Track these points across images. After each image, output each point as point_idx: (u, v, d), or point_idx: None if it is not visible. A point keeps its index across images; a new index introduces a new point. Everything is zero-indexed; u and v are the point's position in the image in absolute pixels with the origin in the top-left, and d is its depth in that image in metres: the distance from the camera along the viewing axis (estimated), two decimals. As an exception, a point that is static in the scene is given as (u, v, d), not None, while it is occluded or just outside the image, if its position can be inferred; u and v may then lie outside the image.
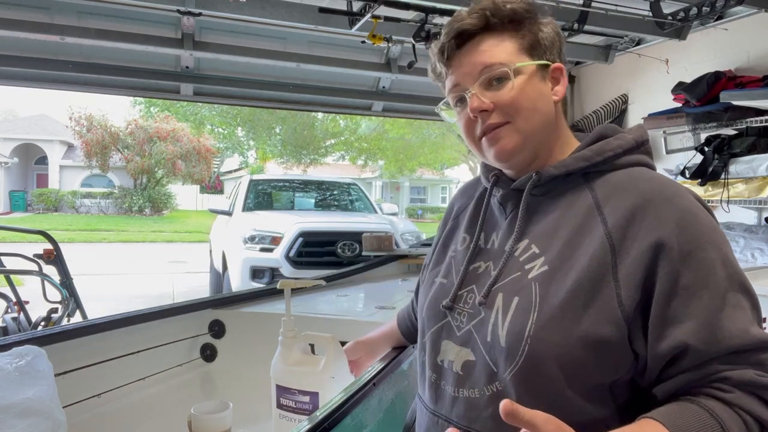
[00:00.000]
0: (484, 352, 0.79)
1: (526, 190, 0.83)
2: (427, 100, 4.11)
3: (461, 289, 0.87)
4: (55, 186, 24.55)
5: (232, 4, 2.61)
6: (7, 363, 1.22)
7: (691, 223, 0.72)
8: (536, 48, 0.83)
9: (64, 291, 3.47)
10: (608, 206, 0.77)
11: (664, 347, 0.70)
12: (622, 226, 0.74)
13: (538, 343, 0.73)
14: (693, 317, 0.69)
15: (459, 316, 0.85)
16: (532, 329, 0.73)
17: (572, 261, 0.75)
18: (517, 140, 0.81)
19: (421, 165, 20.79)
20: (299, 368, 1.46)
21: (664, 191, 0.75)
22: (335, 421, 0.99)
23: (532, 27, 0.83)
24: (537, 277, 0.77)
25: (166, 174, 23.33)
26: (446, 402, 0.84)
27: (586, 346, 0.71)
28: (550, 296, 0.74)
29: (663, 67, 3.38)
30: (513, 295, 0.78)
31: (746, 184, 2.74)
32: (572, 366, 0.72)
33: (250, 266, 5.35)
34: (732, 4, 2.53)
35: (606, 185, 0.80)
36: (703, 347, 0.68)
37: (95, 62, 3.25)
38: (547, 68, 0.84)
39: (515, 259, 0.81)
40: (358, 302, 2.45)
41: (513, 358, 0.74)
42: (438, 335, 0.87)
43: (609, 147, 0.82)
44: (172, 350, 1.90)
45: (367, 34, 2.69)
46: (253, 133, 18.86)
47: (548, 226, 0.81)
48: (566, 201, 0.81)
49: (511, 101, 0.80)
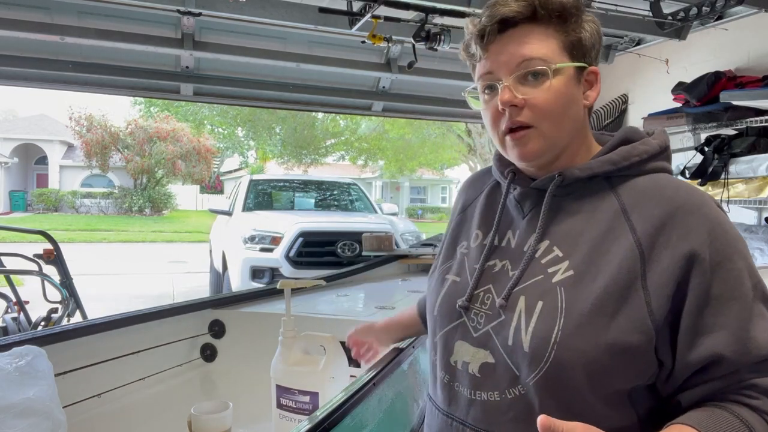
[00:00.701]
0: (504, 355, 0.77)
1: (549, 190, 0.81)
2: (427, 100, 4.11)
3: (477, 288, 0.84)
4: (55, 186, 24.55)
5: (232, 4, 2.61)
6: (7, 363, 1.22)
7: (720, 234, 0.72)
8: (578, 48, 0.79)
9: (64, 291, 3.47)
10: (635, 213, 0.76)
11: (695, 356, 0.70)
12: (651, 234, 0.73)
13: (565, 351, 0.72)
14: (725, 327, 0.70)
15: (476, 317, 0.82)
16: (559, 336, 0.72)
17: (599, 266, 0.74)
18: (542, 145, 0.79)
19: (421, 165, 20.78)
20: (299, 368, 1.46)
21: (692, 200, 0.74)
22: (335, 421, 0.99)
23: (577, 25, 0.79)
24: (562, 281, 0.75)
25: (166, 174, 23.33)
26: (461, 404, 0.82)
27: (613, 354, 0.71)
28: (577, 302, 0.73)
29: (663, 67, 3.38)
30: (537, 299, 0.76)
31: (746, 184, 2.73)
32: (598, 373, 0.72)
33: (250, 266, 5.35)
34: (732, 4, 2.53)
35: (631, 191, 0.78)
36: (735, 357, 0.69)
37: (95, 62, 3.25)
38: (584, 71, 0.81)
39: (536, 261, 0.79)
40: (358, 302, 2.45)
41: (537, 363, 0.73)
42: (451, 335, 0.85)
43: (635, 152, 0.80)
44: (172, 350, 1.90)
45: (367, 34, 2.69)
46: (253, 134, 18.87)
47: (571, 229, 0.79)
48: (590, 204, 0.80)
49: (544, 103, 0.77)
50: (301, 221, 5.63)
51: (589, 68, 0.82)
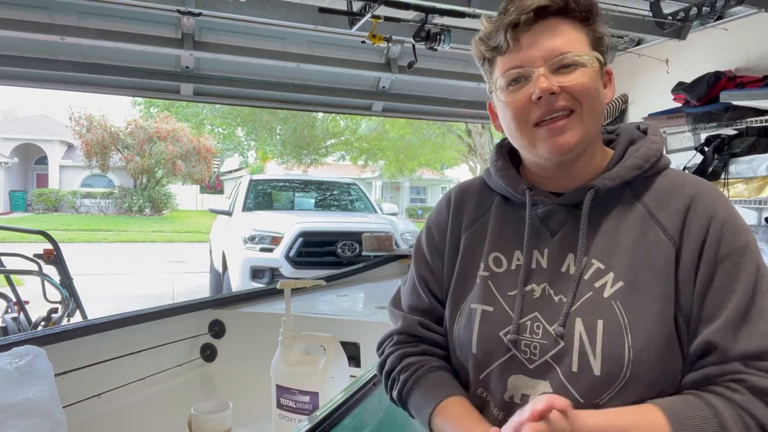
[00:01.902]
0: (566, 383, 0.74)
1: (586, 206, 0.78)
2: (427, 100, 4.11)
3: (522, 317, 0.79)
4: (55, 186, 24.55)
5: (232, 4, 2.61)
6: (7, 363, 1.22)
7: (732, 227, 0.74)
8: (600, 46, 0.82)
9: (64, 291, 3.47)
10: (662, 212, 0.77)
11: (693, 345, 0.73)
12: (679, 230, 0.75)
13: (640, 367, 0.71)
14: (721, 317, 0.71)
15: (528, 348, 0.78)
16: (631, 353, 0.71)
17: (646, 273, 0.74)
18: (580, 134, 0.77)
19: (421, 165, 20.78)
20: (299, 368, 1.46)
21: (710, 192, 0.78)
22: (335, 421, 0.99)
23: (600, 24, 0.83)
24: (615, 295, 0.74)
25: (166, 174, 23.33)
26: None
27: (676, 357, 0.73)
28: (639, 314, 0.73)
29: (663, 67, 3.37)
30: (595, 319, 0.73)
31: (746, 184, 2.73)
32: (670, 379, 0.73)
33: (250, 266, 5.35)
34: (732, 4, 2.53)
35: (653, 193, 0.79)
36: (727, 345, 0.70)
37: (95, 62, 3.25)
38: (604, 66, 0.83)
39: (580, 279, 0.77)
40: (358, 302, 2.45)
41: (611, 384, 0.72)
42: (502, 371, 0.80)
43: (651, 152, 0.81)
44: (172, 350, 1.90)
45: (367, 34, 2.69)
46: (254, 134, 18.87)
47: (606, 240, 0.78)
48: (616, 212, 0.79)
49: (582, 87, 0.76)
50: (301, 221, 5.64)
51: (606, 67, 0.84)
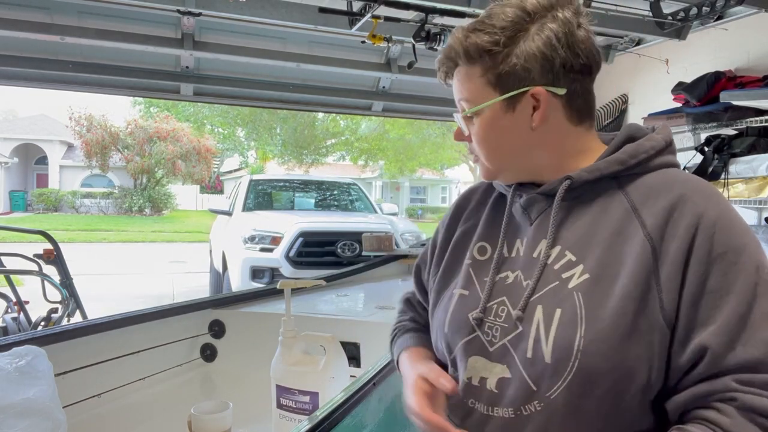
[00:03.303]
0: (522, 369, 0.74)
1: (558, 195, 0.79)
2: (427, 100, 4.11)
3: (490, 300, 0.81)
4: (55, 186, 24.55)
5: (232, 4, 2.61)
6: (7, 363, 1.22)
7: (726, 225, 0.70)
8: (507, 79, 0.78)
9: (64, 291, 3.47)
10: (645, 208, 0.74)
11: (686, 352, 0.68)
12: (660, 227, 0.71)
13: (589, 358, 0.69)
14: (717, 321, 0.66)
15: (490, 330, 0.79)
16: (582, 343, 0.70)
17: (615, 268, 0.72)
18: (490, 171, 0.85)
19: (422, 165, 20.79)
20: (299, 368, 1.46)
21: (700, 191, 0.73)
22: (335, 421, 0.99)
23: (503, 57, 0.78)
24: (579, 286, 0.73)
25: (166, 174, 23.32)
26: (475, 421, 0.79)
27: (638, 358, 0.68)
28: (597, 307, 0.71)
29: (663, 67, 3.37)
30: (554, 307, 0.73)
31: (746, 184, 2.73)
32: (625, 379, 0.69)
33: (250, 266, 5.35)
34: (732, 4, 2.53)
35: (640, 188, 0.77)
36: (721, 351, 0.65)
37: (95, 62, 3.25)
38: (524, 95, 0.79)
39: (549, 268, 0.77)
40: (358, 302, 2.45)
41: (560, 375, 0.71)
42: (465, 351, 0.81)
43: (642, 149, 0.78)
44: (172, 350, 1.90)
45: (367, 34, 2.69)
46: (254, 134, 18.87)
47: (582, 233, 0.77)
48: (598, 206, 0.78)
49: (477, 138, 0.83)
50: (301, 221, 5.64)
51: (531, 91, 0.78)
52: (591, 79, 0.82)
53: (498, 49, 0.78)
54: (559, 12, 0.78)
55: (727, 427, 0.64)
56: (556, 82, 0.78)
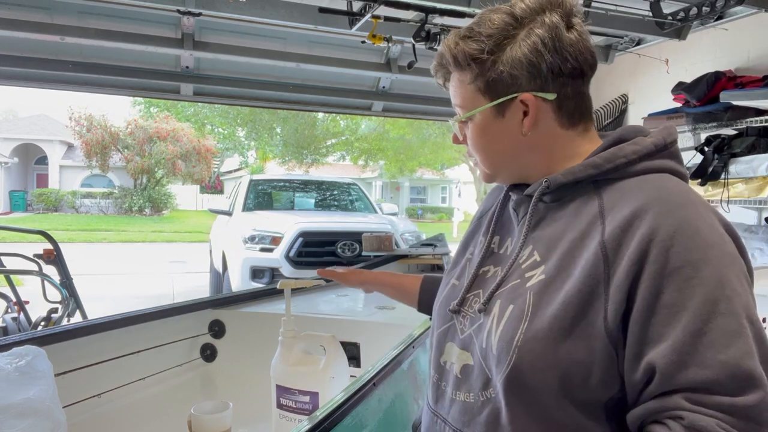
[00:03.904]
0: (480, 357, 0.79)
1: (535, 196, 0.82)
2: (427, 100, 4.11)
3: (469, 292, 0.87)
4: (55, 186, 24.55)
5: (232, 4, 2.61)
6: (7, 363, 1.22)
7: (689, 237, 0.66)
8: (495, 85, 0.79)
9: (64, 291, 3.47)
10: (610, 215, 0.72)
11: (638, 370, 0.67)
12: (617, 236, 0.69)
13: (525, 354, 0.72)
14: (668, 338, 0.64)
15: (463, 320, 0.85)
16: (521, 339, 0.72)
17: (569, 271, 0.73)
18: (488, 174, 0.87)
19: (422, 165, 20.79)
20: (299, 368, 1.46)
21: (668, 199, 0.70)
22: (335, 421, 0.99)
23: (490, 64, 0.79)
24: (533, 286, 0.75)
25: (166, 174, 23.32)
26: (445, 402, 0.85)
27: (573, 362, 0.69)
28: (541, 307, 0.73)
29: (663, 67, 3.38)
30: (509, 303, 0.77)
31: (746, 184, 2.73)
32: (561, 379, 0.70)
33: (250, 266, 5.35)
34: (732, 4, 2.53)
35: (614, 194, 0.75)
36: (669, 371, 0.63)
37: (95, 62, 3.25)
38: (513, 101, 0.79)
39: (518, 266, 0.80)
40: (358, 302, 2.45)
41: (501, 366, 0.74)
42: (444, 336, 0.88)
43: (622, 153, 0.77)
44: (172, 350, 1.90)
45: (367, 34, 2.69)
46: (255, 134, 18.86)
47: (553, 235, 0.78)
48: (573, 209, 0.78)
49: (470, 143, 0.86)
50: (301, 221, 5.64)
51: (520, 97, 0.79)
52: (584, 81, 0.81)
53: (484, 57, 0.79)
54: (547, 16, 0.78)
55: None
56: (545, 87, 0.78)
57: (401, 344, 1.42)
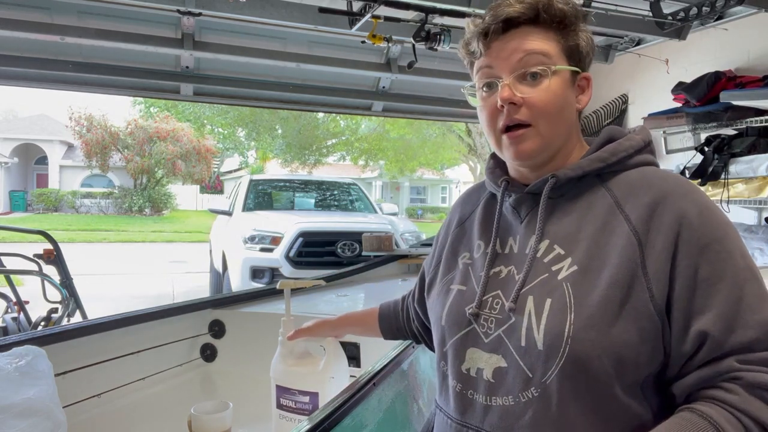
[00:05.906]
0: (517, 357, 0.78)
1: (545, 192, 0.83)
2: (427, 100, 4.11)
3: (485, 294, 0.85)
4: (55, 186, 24.55)
5: (232, 4, 2.61)
6: (7, 363, 1.22)
7: (709, 217, 0.75)
8: (574, 54, 0.84)
9: (64, 291, 3.47)
10: (628, 204, 0.78)
11: (687, 340, 0.71)
12: (645, 221, 0.75)
13: (579, 344, 0.72)
14: (713, 308, 0.70)
15: (486, 323, 0.83)
16: (572, 330, 0.73)
17: (602, 259, 0.76)
18: (538, 144, 0.82)
19: (422, 165, 20.79)
20: (299, 368, 1.46)
21: (680, 186, 0.78)
22: (335, 421, 0.99)
23: (576, 32, 0.84)
24: (568, 277, 0.77)
25: (166, 174, 23.32)
26: (477, 412, 0.82)
27: (624, 344, 0.72)
28: (585, 295, 0.74)
29: (663, 67, 3.37)
30: (545, 297, 0.77)
31: (746, 184, 2.73)
32: (616, 363, 0.72)
33: (250, 266, 5.35)
34: (732, 4, 2.53)
35: (622, 185, 0.81)
36: (721, 336, 0.69)
37: (95, 62, 3.25)
38: (577, 76, 0.85)
39: (539, 261, 0.81)
40: (358, 302, 2.45)
41: (553, 360, 0.74)
42: (462, 343, 0.85)
43: (622, 148, 0.83)
44: (172, 350, 1.90)
45: (367, 34, 2.69)
46: (255, 134, 18.86)
47: (570, 228, 0.81)
48: (584, 202, 0.82)
49: (542, 103, 0.81)
50: (301, 221, 5.64)
51: (583, 74, 0.86)
52: None
53: (575, 22, 0.84)
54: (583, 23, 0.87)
55: (735, 403, 0.67)
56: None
57: (401, 344, 1.42)
